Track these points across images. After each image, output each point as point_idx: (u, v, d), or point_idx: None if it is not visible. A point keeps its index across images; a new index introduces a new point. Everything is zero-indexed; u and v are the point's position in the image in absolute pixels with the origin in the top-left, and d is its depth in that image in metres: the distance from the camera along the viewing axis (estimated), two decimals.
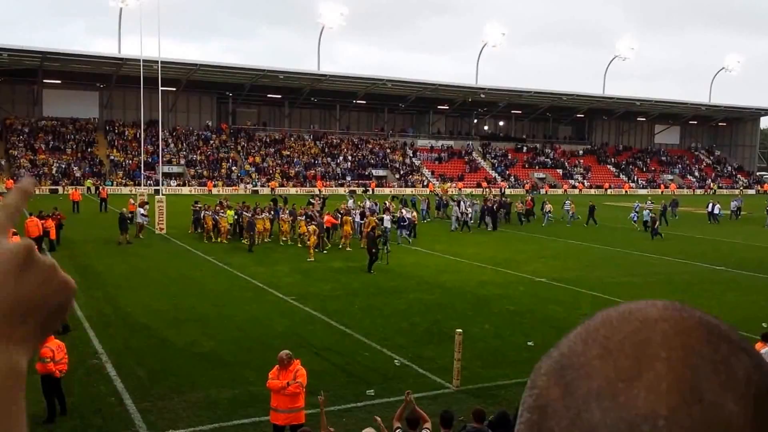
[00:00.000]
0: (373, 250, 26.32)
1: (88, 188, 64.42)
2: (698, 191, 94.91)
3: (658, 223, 39.49)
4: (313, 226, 30.33)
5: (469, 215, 41.09)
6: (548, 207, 45.58)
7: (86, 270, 25.81)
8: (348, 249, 31.78)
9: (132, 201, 37.03)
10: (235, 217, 35.02)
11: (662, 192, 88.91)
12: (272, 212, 35.85)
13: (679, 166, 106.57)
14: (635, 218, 43.35)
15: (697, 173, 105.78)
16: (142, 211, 34.70)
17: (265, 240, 33.49)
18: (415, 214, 38.45)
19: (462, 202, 42.13)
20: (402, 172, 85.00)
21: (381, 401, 13.20)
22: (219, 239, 33.71)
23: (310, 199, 42.68)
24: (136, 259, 28.75)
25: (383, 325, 18.59)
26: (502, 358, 15.95)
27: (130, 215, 33.52)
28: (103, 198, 48.83)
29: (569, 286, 24.42)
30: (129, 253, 30.18)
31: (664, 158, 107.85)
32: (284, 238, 33.85)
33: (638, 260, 31.19)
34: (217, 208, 35.45)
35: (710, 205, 51.22)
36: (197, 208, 36.88)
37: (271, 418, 10.88)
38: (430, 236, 37.16)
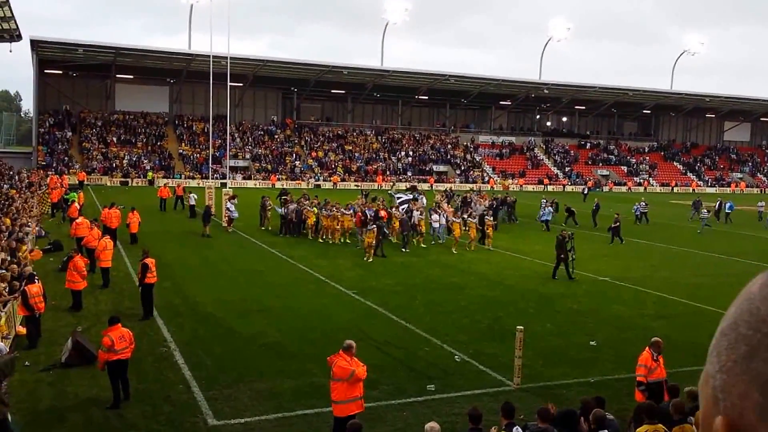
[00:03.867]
0: (561, 255, 24.94)
1: (150, 181, 66.00)
2: None
3: (618, 224, 34.95)
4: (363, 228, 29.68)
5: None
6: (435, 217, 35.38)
7: (157, 261, 26.48)
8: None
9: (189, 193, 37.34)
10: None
11: (732, 191, 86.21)
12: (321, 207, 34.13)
13: (750, 164, 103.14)
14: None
15: None
16: (230, 205, 35.30)
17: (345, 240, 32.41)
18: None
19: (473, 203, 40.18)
20: (463, 168, 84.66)
21: (441, 396, 13.29)
22: (333, 238, 32.40)
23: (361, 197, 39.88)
24: (205, 250, 29.42)
25: (444, 321, 18.65)
26: (565, 357, 15.82)
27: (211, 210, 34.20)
28: (179, 195, 45.51)
29: (633, 285, 24.06)
30: (198, 245, 30.89)
31: (733, 156, 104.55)
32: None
33: (705, 260, 30.47)
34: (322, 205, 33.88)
35: (719, 202, 48.81)
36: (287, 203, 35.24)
37: (341, 410, 10.65)
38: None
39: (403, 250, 30.35)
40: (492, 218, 34.49)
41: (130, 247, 28.88)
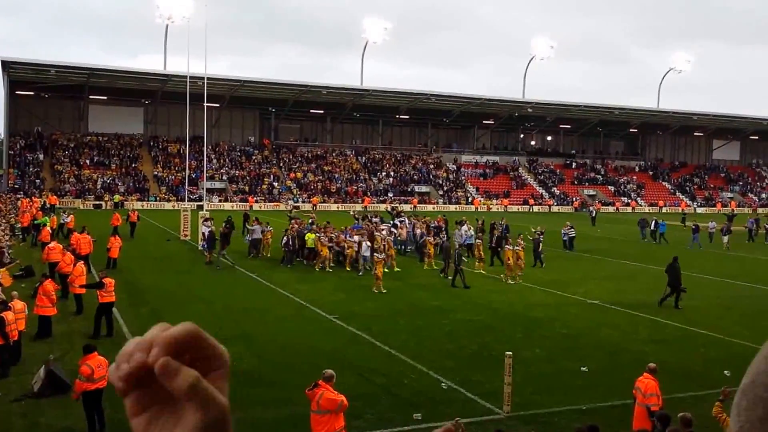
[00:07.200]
0: (682, 287, 23.72)
1: (116, 203, 63.55)
2: (761, 210, 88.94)
3: (540, 247, 33.21)
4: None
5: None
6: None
7: (131, 286, 25.64)
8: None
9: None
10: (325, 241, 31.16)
11: (718, 211, 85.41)
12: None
13: (740, 183, 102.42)
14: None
15: (764, 194, 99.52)
16: (205, 229, 33.75)
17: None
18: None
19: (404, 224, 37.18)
20: (446, 189, 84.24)
21: (428, 425, 12.67)
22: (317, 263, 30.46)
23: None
24: (181, 275, 28.70)
25: (429, 347, 18.05)
26: (555, 384, 15.28)
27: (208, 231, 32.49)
28: (133, 222, 41.06)
29: (624, 309, 23.45)
30: (173, 269, 30.13)
31: (722, 175, 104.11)
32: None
33: (699, 282, 29.83)
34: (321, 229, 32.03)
35: (653, 222, 46.88)
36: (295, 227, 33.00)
37: None
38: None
39: (441, 275, 28.88)
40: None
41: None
